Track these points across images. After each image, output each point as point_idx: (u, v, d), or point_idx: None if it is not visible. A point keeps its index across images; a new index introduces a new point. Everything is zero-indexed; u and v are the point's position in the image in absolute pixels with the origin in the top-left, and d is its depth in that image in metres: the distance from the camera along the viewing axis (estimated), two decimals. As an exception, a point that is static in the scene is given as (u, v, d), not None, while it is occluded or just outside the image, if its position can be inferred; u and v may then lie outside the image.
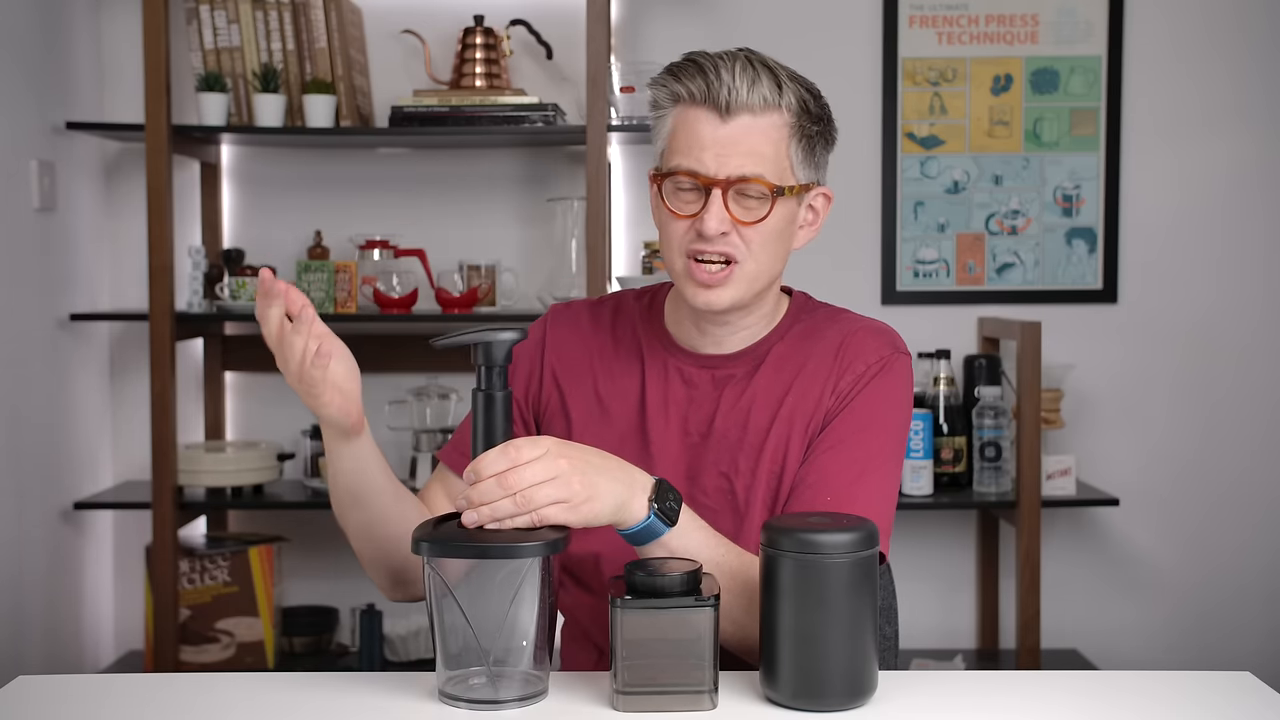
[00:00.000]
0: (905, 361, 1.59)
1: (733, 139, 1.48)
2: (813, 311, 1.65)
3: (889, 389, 1.57)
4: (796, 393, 1.56)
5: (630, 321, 1.66)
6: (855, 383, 1.56)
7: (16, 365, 2.72)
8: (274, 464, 3.00)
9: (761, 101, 1.48)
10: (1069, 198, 3.16)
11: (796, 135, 1.51)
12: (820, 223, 1.60)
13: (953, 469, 2.95)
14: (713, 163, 1.48)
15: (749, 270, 1.52)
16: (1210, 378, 3.19)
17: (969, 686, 1.44)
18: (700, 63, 1.50)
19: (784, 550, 1.28)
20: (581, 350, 1.65)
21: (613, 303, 1.69)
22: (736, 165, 1.48)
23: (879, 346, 1.58)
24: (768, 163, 1.49)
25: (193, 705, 1.34)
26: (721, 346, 1.60)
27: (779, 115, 1.50)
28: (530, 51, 3.07)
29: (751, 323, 1.60)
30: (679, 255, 1.53)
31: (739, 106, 1.48)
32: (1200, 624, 3.20)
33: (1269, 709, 1.33)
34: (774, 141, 1.50)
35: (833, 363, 1.57)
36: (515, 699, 1.31)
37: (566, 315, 1.69)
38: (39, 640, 2.79)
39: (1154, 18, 3.14)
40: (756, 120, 1.49)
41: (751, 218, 1.50)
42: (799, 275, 3.08)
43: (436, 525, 1.34)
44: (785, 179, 1.51)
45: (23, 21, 2.75)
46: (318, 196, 3.14)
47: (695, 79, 1.49)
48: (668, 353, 1.62)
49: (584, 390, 1.63)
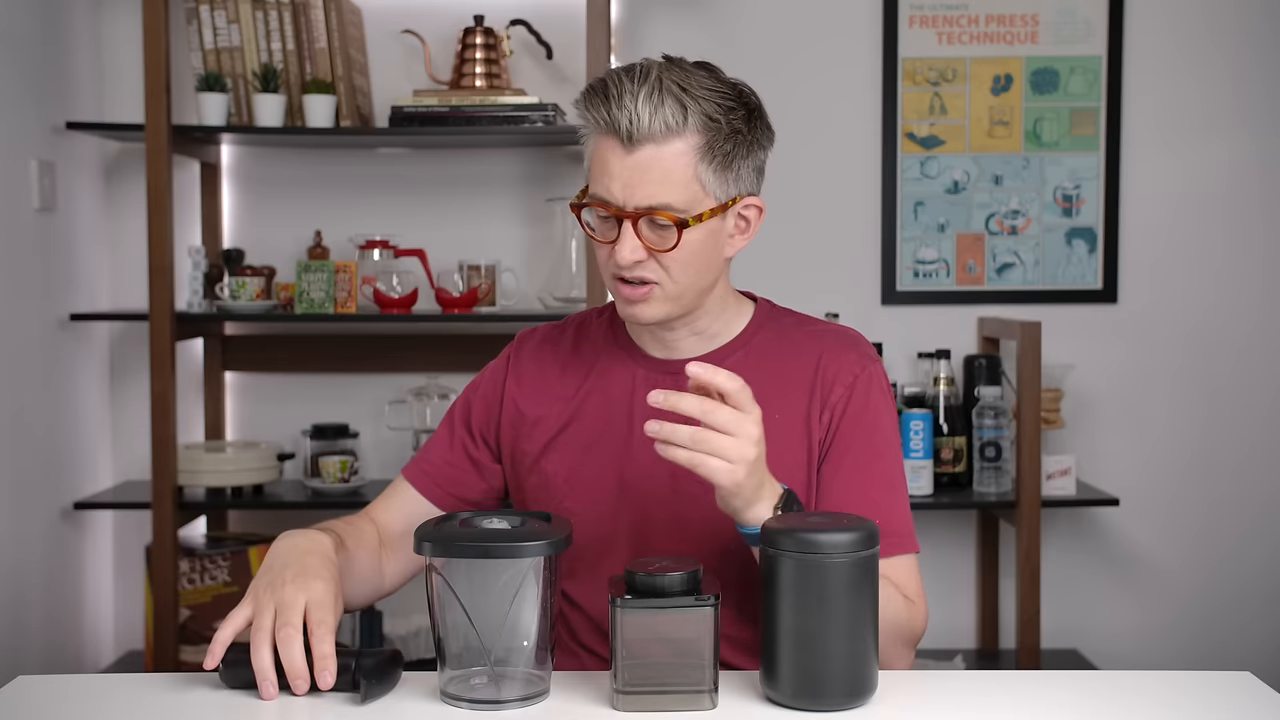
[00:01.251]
0: (880, 369, 1.63)
1: (638, 169, 1.47)
2: (777, 319, 1.66)
3: (882, 400, 1.60)
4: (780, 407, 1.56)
5: (593, 337, 1.68)
6: (847, 395, 1.58)
7: (16, 365, 2.71)
8: (274, 464, 3.00)
9: (663, 129, 1.46)
10: (1069, 198, 3.16)
11: (707, 157, 1.48)
12: (754, 230, 1.59)
13: (953, 469, 2.95)
14: (620, 193, 1.48)
15: (670, 290, 1.52)
16: (1210, 377, 3.19)
17: (969, 686, 1.44)
18: (608, 88, 1.49)
19: (784, 550, 1.28)
20: (547, 373, 1.67)
21: (576, 321, 1.73)
22: (644, 196, 1.47)
23: (857, 358, 1.60)
24: (676, 190, 1.47)
25: (193, 705, 1.34)
26: (677, 351, 1.62)
27: (683, 140, 1.47)
28: (530, 51, 3.07)
29: (702, 327, 1.61)
30: (607, 275, 1.55)
31: (641, 136, 1.46)
32: (1200, 624, 3.20)
33: (1269, 709, 1.33)
34: (680, 168, 1.47)
35: (814, 378, 1.59)
36: (517, 699, 1.32)
37: (530, 341, 1.72)
38: (39, 640, 2.79)
39: (1154, 18, 3.14)
40: (660, 150, 1.47)
41: (664, 245, 1.49)
42: (799, 275, 3.10)
43: (438, 525, 1.34)
44: (696, 204, 1.49)
45: (23, 21, 2.75)
46: (318, 196, 3.14)
47: (600, 108, 1.49)
48: (633, 360, 1.63)
49: (551, 413, 1.64)
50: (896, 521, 1.56)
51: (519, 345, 1.73)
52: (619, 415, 1.61)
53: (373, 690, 1.32)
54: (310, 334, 3.15)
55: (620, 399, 1.61)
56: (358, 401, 3.13)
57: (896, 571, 1.55)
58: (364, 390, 3.15)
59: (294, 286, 2.89)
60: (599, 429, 1.61)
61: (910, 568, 1.58)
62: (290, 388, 3.16)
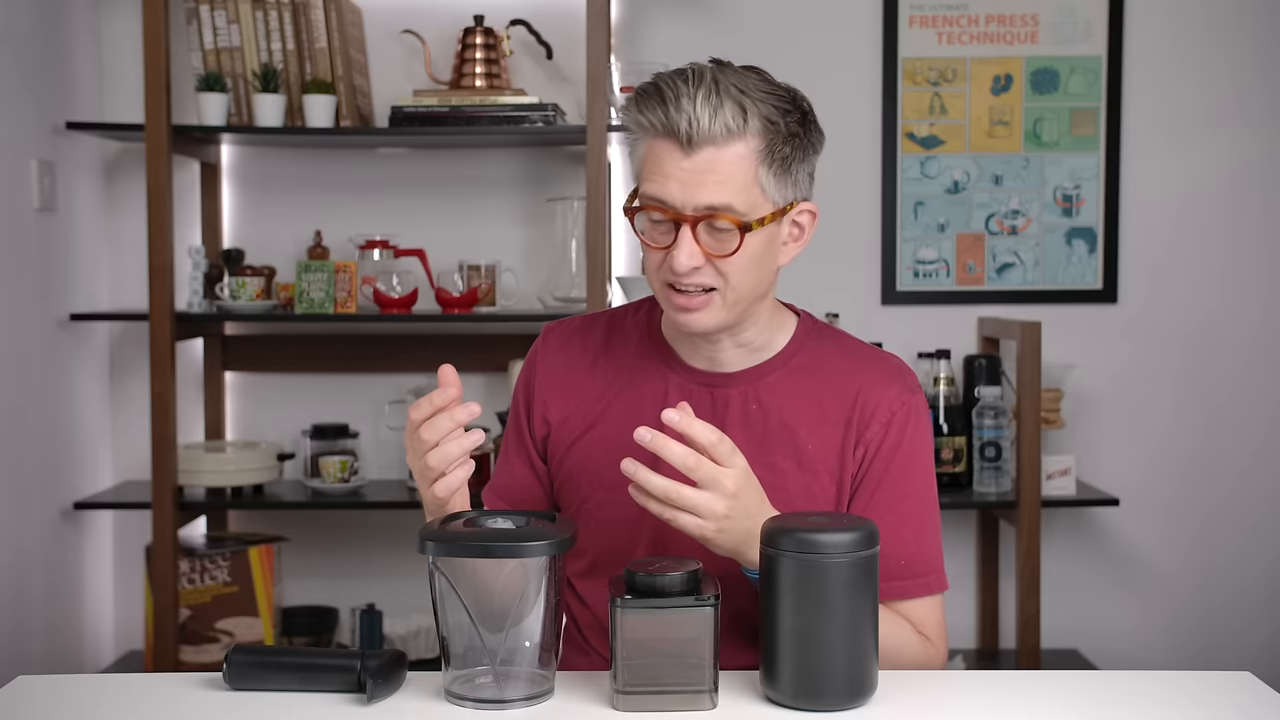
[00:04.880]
0: (922, 400, 1.59)
1: (698, 171, 1.43)
2: (819, 338, 1.62)
3: (920, 435, 1.57)
4: (815, 437, 1.55)
5: (626, 338, 1.64)
6: (883, 432, 1.55)
7: (16, 365, 2.71)
8: (274, 464, 3.00)
9: (724, 131, 1.43)
10: (1069, 198, 3.16)
11: (766, 160, 1.45)
12: (807, 237, 1.56)
13: (953, 469, 2.95)
14: (679, 195, 1.44)
15: (730, 297, 1.49)
16: (1210, 377, 3.19)
17: (969, 686, 1.44)
18: (662, 90, 1.45)
19: (784, 550, 1.28)
20: (575, 371, 1.64)
21: (607, 318, 1.68)
22: (704, 198, 1.44)
23: (899, 392, 1.57)
24: (737, 193, 1.44)
25: (193, 705, 1.34)
26: (718, 365, 1.58)
27: (744, 143, 1.44)
28: (530, 51, 3.07)
29: (748, 339, 1.57)
30: (658, 281, 1.52)
31: (701, 139, 1.43)
32: (1200, 624, 3.20)
33: (1269, 709, 1.33)
34: (741, 171, 1.44)
35: (852, 410, 1.55)
36: (521, 699, 1.32)
37: (558, 335, 1.68)
38: (39, 640, 2.79)
39: (1154, 17, 3.14)
40: (721, 152, 1.43)
41: (724, 250, 1.46)
42: (799, 274, 3.09)
43: (443, 525, 1.34)
44: (757, 209, 1.46)
45: (23, 21, 2.75)
46: (318, 196, 3.14)
47: (655, 110, 1.44)
48: (668, 368, 1.60)
49: (579, 411, 1.62)
50: (923, 562, 1.54)
51: (545, 340, 1.68)
52: (648, 422, 1.58)
53: (379, 690, 1.33)
54: (310, 334, 3.15)
55: (651, 405, 1.57)
56: (358, 401, 3.13)
57: (917, 611, 1.54)
58: (364, 390, 3.15)
59: (294, 286, 2.89)
60: (626, 433, 1.58)
61: (933, 607, 1.56)
62: (290, 388, 3.16)
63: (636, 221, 1.51)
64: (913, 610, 1.53)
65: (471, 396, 3.04)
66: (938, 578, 1.57)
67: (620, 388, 1.61)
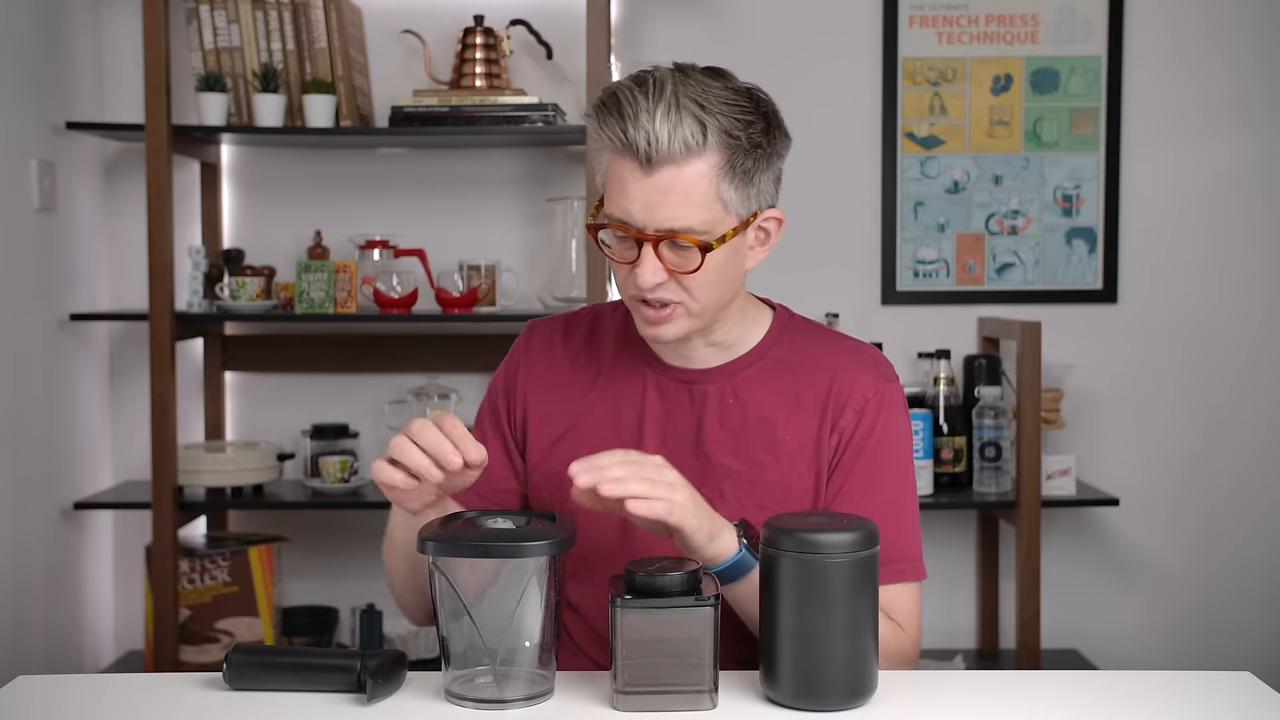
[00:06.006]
0: (897, 388, 1.59)
1: (658, 192, 1.42)
2: (795, 331, 1.63)
3: (894, 422, 1.57)
4: (792, 428, 1.56)
5: (605, 337, 1.66)
6: (856, 419, 1.55)
7: (16, 365, 2.71)
8: (274, 464, 3.00)
9: (683, 149, 1.41)
10: (1069, 198, 3.16)
11: (728, 175, 1.44)
12: (773, 242, 1.56)
13: (953, 469, 2.95)
14: (640, 215, 1.44)
15: (694, 308, 1.50)
16: (1211, 377, 3.19)
17: (969, 686, 1.44)
18: (621, 104, 1.43)
19: (784, 550, 1.28)
20: (556, 369, 1.65)
21: (589, 317, 1.69)
22: (665, 218, 1.43)
23: (873, 380, 1.57)
24: (697, 212, 1.43)
25: (193, 705, 1.34)
26: (693, 363, 1.60)
27: (704, 160, 1.42)
28: (530, 51, 3.07)
29: (719, 338, 1.59)
30: (626, 295, 1.53)
31: (661, 158, 1.41)
32: (1200, 624, 3.20)
33: (1269, 709, 1.33)
34: (702, 190, 1.43)
35: (826, 399, 1.56)
36: (521, 699, 1.32)
37: (542, 333, 1.69)
38: (39, 640, 2.79)
39: (1154, 17, 3.14)
40: (681, 170, 1.42)
41: (686, 267, 1.46)
42: (799, 274, 3.10)
43: (443, 525, 1.34)
44: (719, 225, 1.45)
45: (23, 21, 2.75)
46: (318, 196, 3.14)
47: (614, 125, 1.43)
48: (646, 367, 1.61)
49: (560, 410, 1.63)
50: (899, 548, 1.53)
51: (528, 337, 1.70)
52: (628, 421, 1.59)
53: (379, 690, 1.33)
54: (310, 334, 3.15)
55: (630, 405, 1.59)
56: (358, 401, 3.13)
57: (885, 595, 1.52)
58: (364, 390, 3.15)
59: (294, 286, 2.89)
60: (606, 433, 1.59)
61: (906, 594, 1.55)
62: (290, 388, 3.16)
63: (602, 236, 1.51)
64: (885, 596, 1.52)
65: (471, 396, 3.05)
66: (914, 565, 1.56)
67: (601, 388, 1.62)
